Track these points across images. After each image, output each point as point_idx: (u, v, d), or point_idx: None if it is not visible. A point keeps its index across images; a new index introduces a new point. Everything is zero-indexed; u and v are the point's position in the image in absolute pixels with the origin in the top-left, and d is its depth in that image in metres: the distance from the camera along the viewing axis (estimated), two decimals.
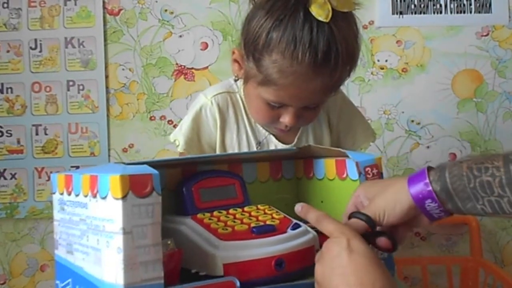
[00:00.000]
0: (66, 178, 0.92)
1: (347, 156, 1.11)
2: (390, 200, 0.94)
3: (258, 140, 1.46)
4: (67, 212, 0.91)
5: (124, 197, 0.75)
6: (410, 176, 0.94)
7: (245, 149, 1.45)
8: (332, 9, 1.18)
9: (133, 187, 0.76)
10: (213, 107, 1.44)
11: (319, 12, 1.18)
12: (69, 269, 0.90)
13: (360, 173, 1.07)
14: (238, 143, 1.45)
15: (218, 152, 1.45)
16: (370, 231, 0.94)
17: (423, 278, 2.17)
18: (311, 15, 1.18)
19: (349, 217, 0.97)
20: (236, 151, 1.45)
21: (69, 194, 0.90)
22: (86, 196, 0.82)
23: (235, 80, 1.45)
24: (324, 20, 1.18)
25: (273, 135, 1.46)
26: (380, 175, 1.10)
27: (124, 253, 0.75)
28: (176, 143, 1.47)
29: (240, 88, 1.47)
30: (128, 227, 0.75)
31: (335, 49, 1.20)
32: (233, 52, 1.39)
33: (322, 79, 1.23)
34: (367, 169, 1.08)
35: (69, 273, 0.90)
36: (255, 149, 1.45)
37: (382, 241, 0.95)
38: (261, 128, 1.46)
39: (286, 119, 1.32)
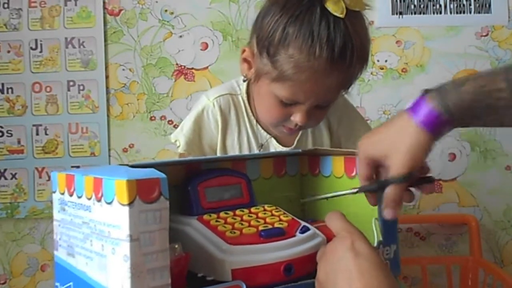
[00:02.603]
0: (67, 177, 0.90)
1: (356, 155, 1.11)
2: (412, 149, 0.89)
3: (260, 142, 1.46)
4: (68, 213, 0.90)
5: (131, 203, 0.73)
6: (413, 112, 0.90)
7: (246, 151, 1.45)
8: (345, 7, 1.19)
9: (140, 192, 0.74)
10: (215, 109, 1.43)
11: (335, 8, 1.18)
12: (71, 272, 0.89)
13: None
14: (239, 145, 1.45)
15: (219, 153, 1.45)
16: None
17: (422, 278, 2.17)
18: (327, 11, 1.18)
19: (380, 184, 0.95)
20: (237, 153, 1.44)
21: (71, 195, 0.88)
22: (89, 199, 0.81)
23: (244, 81, 1.44)
24: (340, 16, 1.18)
25: (274, 138, 1.46)
26: None
27: (131, 261, 0.73)
28: (176, 143, 1.47)
29: (242, 90, 1.47)
30: (135, 234, 0.73)
31: (350, 45, 1.20)
32: (243, 51, 1.37)
33: (337, 75, 1.23)
34: None
35: (71, 276, 0.88)
36: (256, 151, 1.44)
37: (428, 187, 0.97)
38: (262, 131, 1.46)
39: (297, 117, 1.30)
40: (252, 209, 1.05)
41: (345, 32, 1.19)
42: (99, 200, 0.79)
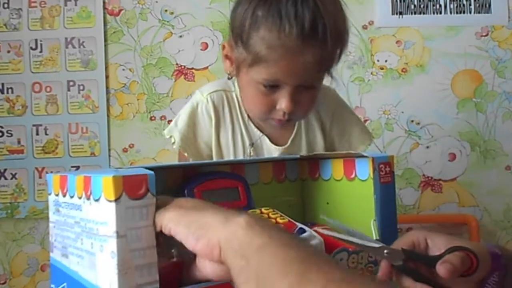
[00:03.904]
0: (61, 178, 0.90)
1: (357, 156, 1.10)
2: (482, 250, 0.88)
3: (251, 141, 1.45)
4: (62, 214, 0.90)
5: (117, 199, 0.72)
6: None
7: (240, 149, 1.44)
8: None
9: (127, 188, 0.73)
10: (209, 105, 1.42)
11: None
12: (64, 273, 0.88)
13: (374, 169, 1.05)
14: (233, 143, 1.44)
15: (214, 150, 1.44)
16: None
17: None
18: None
19: (448, 250, 0.88)
20: (231, 150, 1.44)
21: (64, 195, 0.88)
22: (80, 197, 0.81)
23: (229, 78, 1.43)
24: None
25: (267, 136, 1.45)
26: (392, 174, 1.08)
27: (118, 257, 0.72)
28: (171, 139, 1.45)
29: (236, 87, 1.45)
30: (122, 231, 0.72)
31: (321, 21, 1.20)
32: (223, 47, 1.38)
33: (312, 52, 1.22)
34: (381, 166, 1.05)
35: (64, 276, 0.88)
36: (249, 149, 1.44)
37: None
38: (255, 129, 1.44)
39: (283, 104, 1.28)
40: (249, 212, 1.04)
41: (314, 8, 1.20)
42: (88, 198, 0.79)
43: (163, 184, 1.02)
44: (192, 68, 2.29)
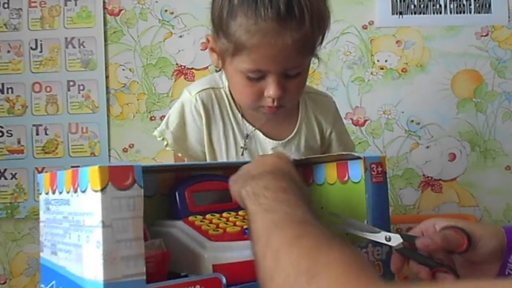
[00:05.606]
0: (51, 176, 0.91)
1: (349, 159, 1.10)
2: (487, 231, 0.92)
3: (245, 133, 1.44)
4: (51, 211, 0.90)
5: (103, 189, 0.73)
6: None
7: (232, 145, 1.43)
8: None
9: (113, 178, 0.74)
10: (198, 104, 1.41)
11: None
12: (53, 271, 0.88)
13: (366, 169, 1.05)
14: (225, 139, 1.43)
15: (206, 147, 1.43)
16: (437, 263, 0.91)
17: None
18: None
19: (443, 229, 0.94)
20: (223, 146, 1.43)
21: (54, 192, 0.88)
22: (68, 192, 0.81)
23: (217, 71, 1.43)
24: None
25: (260, 130, 1.44)
26: (384, 174, 1.08)
27: (104, 247, 0.72)
28: (164, 142, 1.45)
29: (225, 83, 1.44)
30: (107, 220, 0.73)
31: (297, 1, 1.18)
32: (208, 41, 1.37)
33: (291, 34, 1.19)
34: (372, 165, 1.06)
35: (53, 274, 0.88)
36: (241, 144, 1.43)
37: (448, 278, 0.90)
38: (247, 124, 1.43)
39: (270, 91, 1.26)
40: (240, 212, 1.04)
41: None
42: (75, 191, 0.79)
43: (154, 187, 1.02)
44: (192, 68, 2.29)
